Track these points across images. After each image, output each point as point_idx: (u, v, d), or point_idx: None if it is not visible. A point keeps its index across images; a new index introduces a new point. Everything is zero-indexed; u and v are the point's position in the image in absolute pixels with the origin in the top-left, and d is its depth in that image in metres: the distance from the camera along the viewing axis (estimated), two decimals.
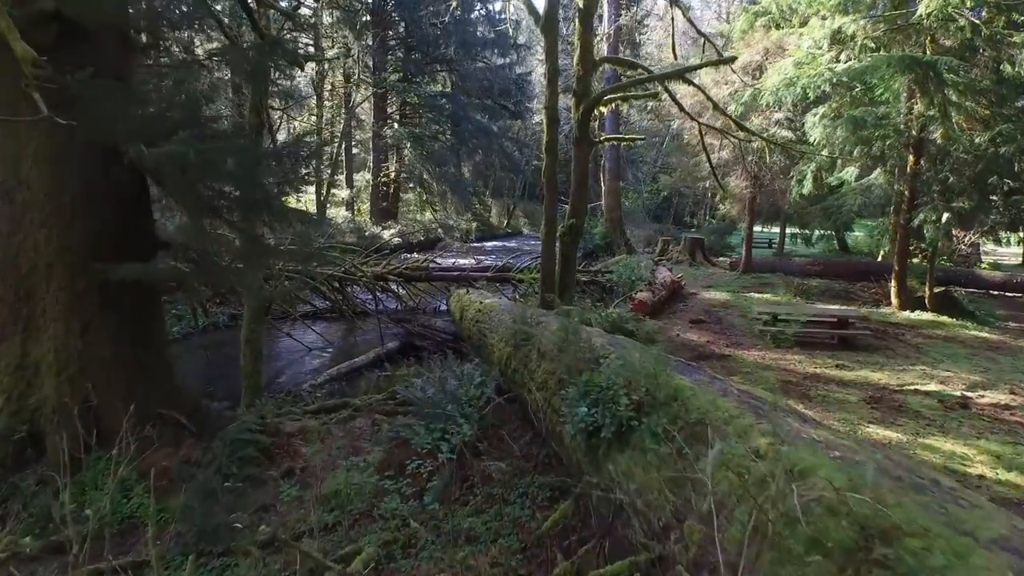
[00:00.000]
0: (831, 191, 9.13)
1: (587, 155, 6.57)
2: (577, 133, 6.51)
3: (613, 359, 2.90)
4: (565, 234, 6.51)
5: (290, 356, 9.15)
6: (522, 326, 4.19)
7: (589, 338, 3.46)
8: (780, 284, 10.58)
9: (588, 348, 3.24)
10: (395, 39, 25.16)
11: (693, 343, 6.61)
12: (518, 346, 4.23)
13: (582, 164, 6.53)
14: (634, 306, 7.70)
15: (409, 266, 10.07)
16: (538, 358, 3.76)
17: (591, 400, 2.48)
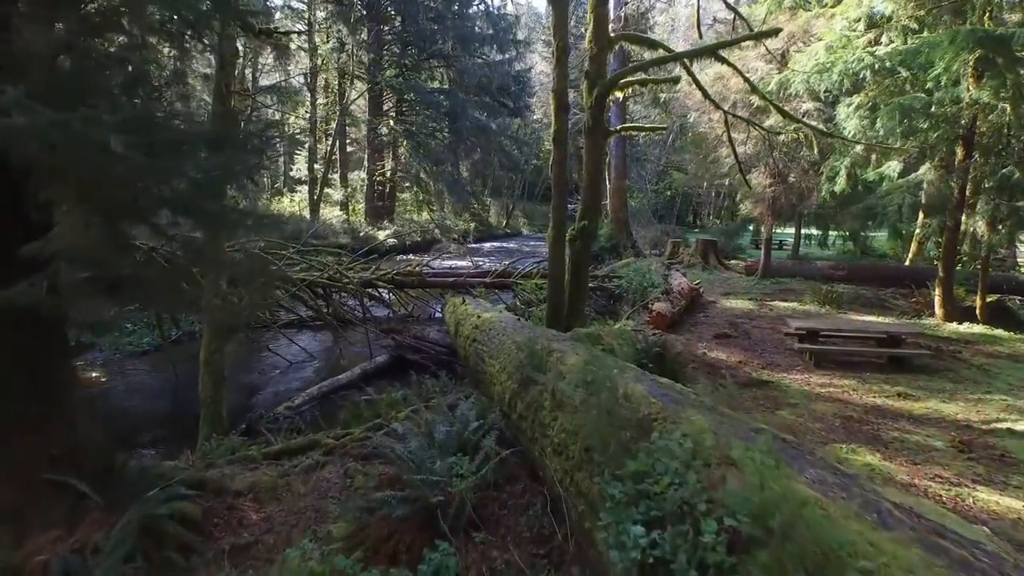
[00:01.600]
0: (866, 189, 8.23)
1: (601, 147, 5.64)
2: (590, 121, 5.57)
3: (670, 429, 1.98)
4: (576, 238, 5.58)
5: (270, 370, 8.22)
6: (529, 367, 3.25)
7: (625, 384, 2.53)
8: (803, 290, 9.66)
9: (627, 403, 2.31)
10: (391, 34, 24.19)
11: (723, 363, 5.68)
12: (525, 384, 3.30)
13: (595, 157, 5.60)
14: (651, 319, 6.77)
15: (401, 271, 9.14)
16: (552, 406, 2.82)
17: (649, 513, 1.55)
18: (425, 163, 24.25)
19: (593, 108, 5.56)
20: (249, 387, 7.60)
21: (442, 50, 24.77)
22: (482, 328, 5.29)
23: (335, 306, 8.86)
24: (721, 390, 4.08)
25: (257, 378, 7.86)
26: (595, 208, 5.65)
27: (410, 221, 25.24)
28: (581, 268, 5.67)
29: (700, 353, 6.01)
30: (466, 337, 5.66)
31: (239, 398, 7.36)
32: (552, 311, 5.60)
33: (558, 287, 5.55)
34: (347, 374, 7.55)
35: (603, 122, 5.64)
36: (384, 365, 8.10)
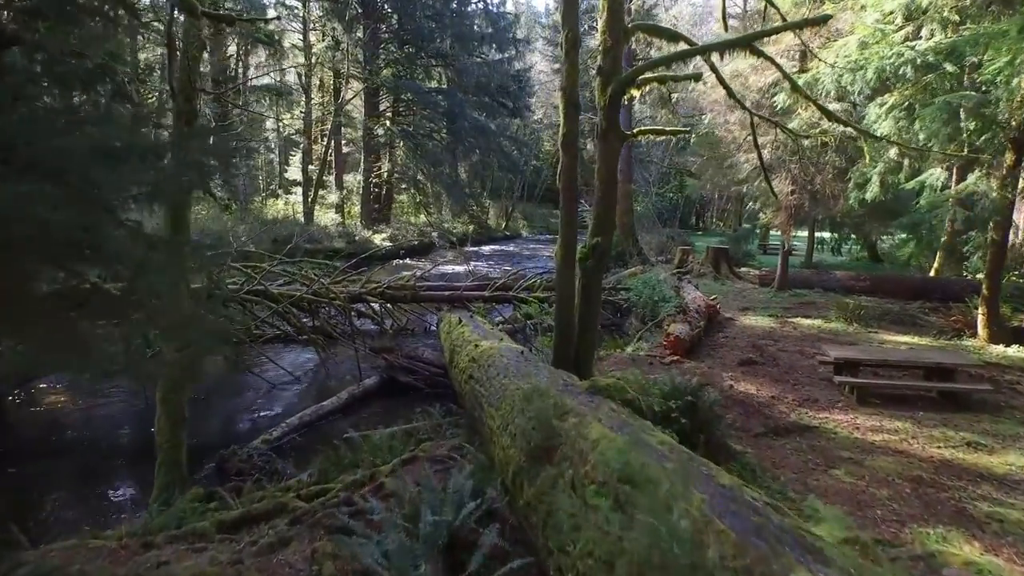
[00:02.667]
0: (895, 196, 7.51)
1: (616, 152, 4.91)
2: (603, 123, 4.84)
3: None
4: (586, 257, 4.84)
5: (250, 393, 7.49)
6: (540, 436, 2.52)
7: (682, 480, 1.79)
8: (825, 304, 8.94)
9: (685, 533, 1.58)
10: (387, 32, 23.45)
11: (754, 399, 4.96)
12: (534, 459, 2.58)
13: (609, 164, 4.86)
14: (668, 343, 6.04)
15: (392, 284, 8.39)
16: (574, 509, 2.08)
17: None
18: (423, 164, 23.51)
19: (607, 108, 4.82)
20: (227, 413, 6.86)
21: (440, 49, 24.03)
22: (480, 362, 4.56)
23: (322, 322, 8.12)
24: None
25: (236, 402, 7.12)
26: (608, 222, 4.92)
27: (407, 224, 24.49)
28: (593, 292, 4.93)
29: (727, 386, 5.27)
30: (462, 370, 4.93)
31: (215, 426, 6.63)
32: (560, 341, 4.86)
33: (567, 314, 4.82)
34: (332, 400, 6.82)
35: (618, 124, 4.91)
36: (373, 388, 7.38)
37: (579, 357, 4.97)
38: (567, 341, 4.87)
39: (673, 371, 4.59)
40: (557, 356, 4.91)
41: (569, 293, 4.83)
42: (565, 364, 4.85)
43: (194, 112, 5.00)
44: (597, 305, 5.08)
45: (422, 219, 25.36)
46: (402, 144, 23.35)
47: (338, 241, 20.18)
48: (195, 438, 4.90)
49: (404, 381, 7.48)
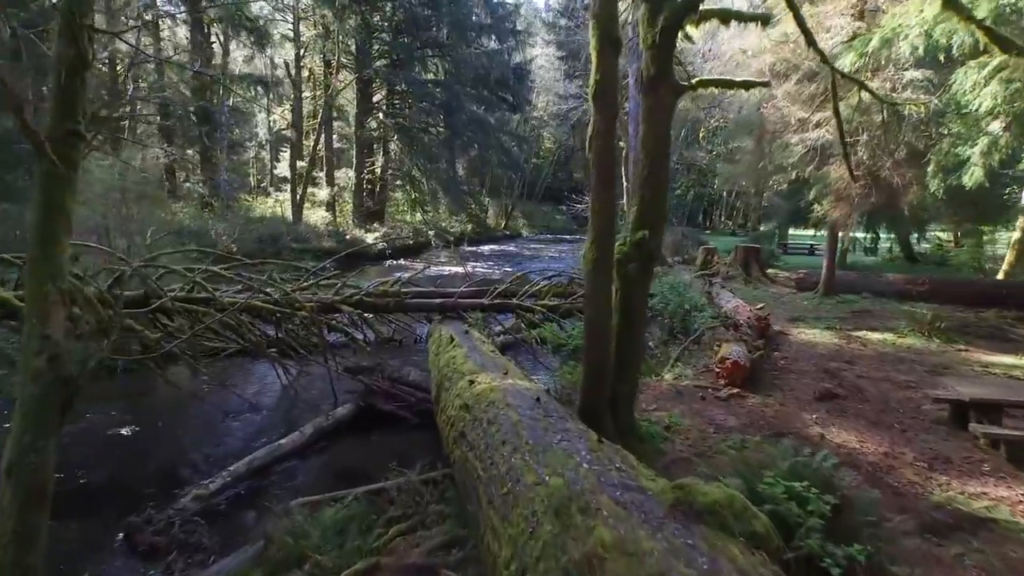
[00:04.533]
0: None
1: (669, 111, 3.43)
2: (649, 69, 3.35)
3: None
4: (628, 259, 3.36)
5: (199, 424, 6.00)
6: None
7: None
8: (885, 313, 7.47)
9: None
10: (381, 20, 21.90)
11: (861, 459, 3.47)
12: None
13: (659, 128, 3.38)
14: (724, 371, 4.55)
15: (372, 291, 6.88)
16: None
17: None
18: (418, 160, 21.97)
19: (656, 47, 3.34)
20: (167, 451, 5.36)
21: (436, 38, 22.51)
22: (475, 412, 3.07)
23: (285, 336, 6.61)
24: None
25: (178, 437, 5.61)
26: (658, 209, 3.42)
27: (402, 222, 22.97)
28: (636, 308, 3.44)
29: (814, 434, 3.78)
30: (450, 420, 3.43)
31: (142, 470, 5.15)
32: (591, 376, 3.37)
33: (600, 339, 3.32)
34: (293, 437, 5.32)
35: (671, 71, 3.42)
36: (347, 418, 5.88)
37: (616, 399, 3.48)
38: (599, 376, 3.38)
39: (735, 406, 3.09)
40: (587, 399, 3.42)
41: (603, 309, 3.33)
42: (597, 410, 3.37)
43: (83, 59, 3.48)
44: (641, 326, 3.59)
45: (418, 218, 23.84)
46: (396, 138, 21.82)
47: (327, 240, 18.67)
48: (112, 489, 3.95)
49: (384, 409, 6.01)
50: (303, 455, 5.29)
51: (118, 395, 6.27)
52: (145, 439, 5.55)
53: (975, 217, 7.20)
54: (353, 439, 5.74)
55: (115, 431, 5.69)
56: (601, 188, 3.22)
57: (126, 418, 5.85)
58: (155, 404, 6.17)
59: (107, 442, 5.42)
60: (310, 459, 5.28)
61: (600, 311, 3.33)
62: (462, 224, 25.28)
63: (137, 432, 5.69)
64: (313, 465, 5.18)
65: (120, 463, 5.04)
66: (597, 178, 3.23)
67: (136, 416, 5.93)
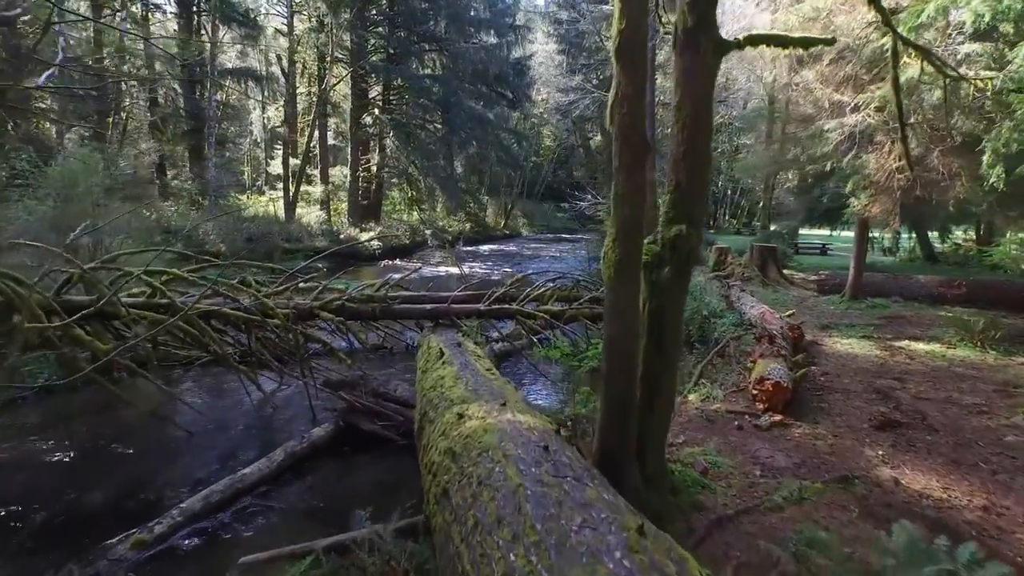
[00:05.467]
0: None
1: (712, 70, 2.66)
2: (688, 20, 2.60)
3: None
4: (660, 260, 2.60)
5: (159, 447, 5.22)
6: None
7: None
8: (921, 320, 6.71)
9: None
10: (377, 13, 21.10)
11: (955, 516, 2.70)
12: None
13: (699, 95, 2.62)
14: (764, 394, 3.78)
15: (355, 296, 6.10)
16: None
17: None
18: (415, 157, 21.18)
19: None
20: (116, 481, 4.59)
21: (434, 32, 21.70)
22: (463, 463, 2.29)
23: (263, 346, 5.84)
24: None
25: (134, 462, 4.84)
26: (696, 198, 2.66)
27: (398, 221, 22.19)
28: (670, 323, 2.68)
29: (885, 479, 3.01)
30: (431, 467, 2.66)
31: (85, 505, 4.40)
32: (612, 410, 2.60)
33: (624, 363, 2.56)
34: (261, 464, 4.55)
35: (714, 21, 2.66)
36: (325, 440, 5.12)
37: (643, 439, 2.71)
38: (623, 410, 2.61)
39: (780, 438, 2.34)
40: (606, 439, 2.65)
41: (628, 326, 2.57)
42: (619, 454, 2.62)
43: None
44: (676, 348, 2.81)
45: (415, 216, 23.04)
46: (392, 135, 21.03)
47: (320, 240, 17.89)
48: (39, 532, 3.28)
49: (367, 429, 5.25)
50: (275, 482, 4.55)
51: (77, 412, 5.51)
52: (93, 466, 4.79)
53: None
54: (331, 464, 4.99)
55: (58, 457, 4.91)
56: (628, 168, 2.45)
57: (75, 441, 5.09)
58: (113, 423, 5.41)
59: (47, 471, 4.64)
60: (279, 490, 4.52)
61: (625, 329, 2.56)
62: (460, 223, 24.49)
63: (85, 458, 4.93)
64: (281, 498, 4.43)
65: (55, 498, 4.28)
66: (622, 155, 2.47)
67: (89, 438, 5.18)
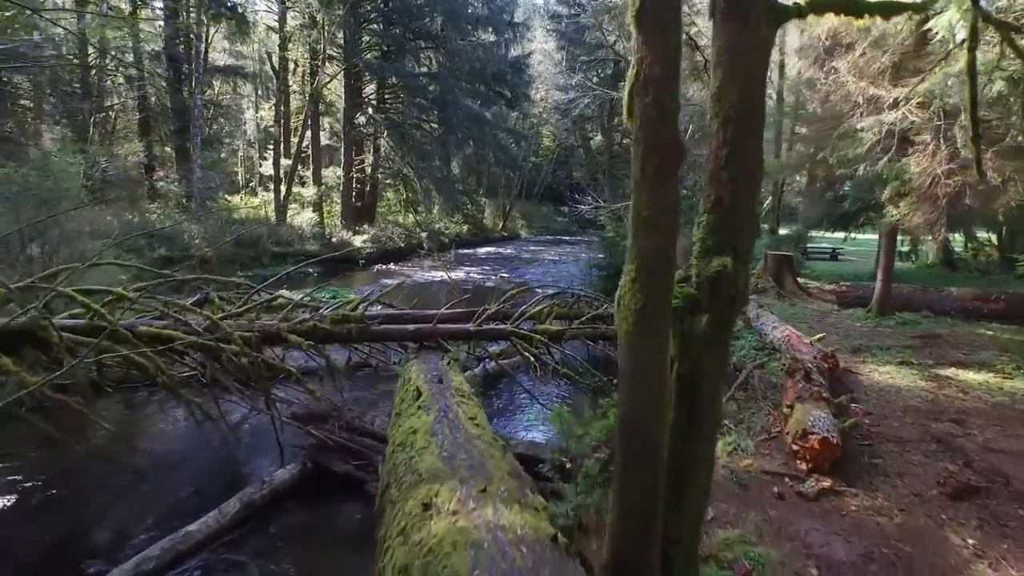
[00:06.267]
0: None
1: (765, 47, 1.96)
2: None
3: None
4: (696, 306, 1.87)
5: (99, 493, 4.53)
6: None
7: None
8: (959, 340, 5.99)
9: None
10: (371, 10, 20.33)
11: None
12: None
13: (750, 74, 1.91)
14: (809, 451, 3.06)
15: (331, 316, 5.37)
16: None
17: None
18: (410, 157, 20.43)
19: None
20: (39, 539, 3.88)
21: (430, 29, 20.95)
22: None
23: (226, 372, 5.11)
24: None
25: (65, 513, 4.14)
26: (747, 220, 1.94)
27: (393, 224, 21.44)
28: (706, 390, 1.96)
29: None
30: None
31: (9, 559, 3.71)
32: (630, 513, 1.88)
33: (645, 448, 1.84)
34: (209, 520, 3.86)
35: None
36: (289, 485, 4.44)
37: (671, 546, 1.99)
38: (644, 511, 1.88)
39: (832, 514, 1.57)
40: (621, 548, 1.93)
41: (651, 399, 1.84)
42: (639, 564, 1.89)
43: None
44: (715, 423, 2.09)
45: (410, 219, 22.30)
46: (387, 135, 20.28)
47: (312, 243, 17.15)
48: None
49: (340, 471, 4.56)
50: (231, 533, 3.86)
51: (16, 445, 4.82)
52: (19, 515, 4.10)
53: None
54: (296, 513, 4.28)
55: None
56: (654, 179, 1.72)
57: (2, 483, 4.39)
58: (58, 459, 4.70)
59: None
60: (233, 547, 3.81)
61: (647, 401, 1.83)
62: (457, 225, 23.74)
63: (16, 503, 4.25)
64: (233, 559, 3.72)
65: None
66: (646, 162, 1.74)
67: (29, 476, 4.48)
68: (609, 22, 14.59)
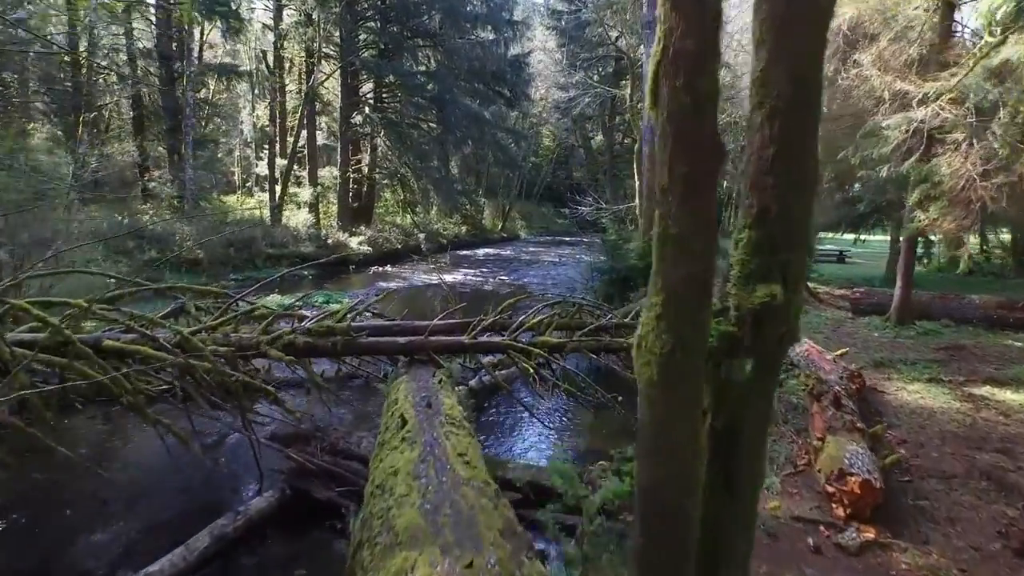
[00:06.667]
0: None
1: (826, 17, 1.57)
2: None
3: None
4: (739, 345, 1.47)
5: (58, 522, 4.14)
6: None
7: None
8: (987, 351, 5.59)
9: None
10: (368, 7, 19.91)
11: None
12: None
13: (806, 56, 1.51)
14: (848, 496, 2.66)
15: (314, 328, 4.97)
16: None
17: None
18: (408, 157, 20.02)
19: None
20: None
21: (428, 27, 20.53)
22: None
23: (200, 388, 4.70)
24: None
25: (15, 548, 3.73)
26: (799, 233, 1.54)
27: (391, 225, 21.03)
28: (750, 446, 1.55)
29: None
30: None
31: None
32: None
33: (669, 523, 1.44)
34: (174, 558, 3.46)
35: None
36: (267, 514, 4.03)
37: None
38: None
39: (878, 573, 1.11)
40: None
41: (680, 463, 1.42)
42: None
43: None
44: (757, 487, 1.68)
45: (408, 220, 21.89)
46: (384, 134, 19.87)
47: (307, 245, 16.73)
48: None
49: (321, 498, 4.15)
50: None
51: None
52: None
53: None
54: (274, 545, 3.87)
55: None
56: (687, 187, 1.32)
57: None
58: (16, 482, 4.31)
59: None
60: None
61: (674, 471, 1.43)
62: (456, 226, 23.33)
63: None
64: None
65: None
66: (675, 164, 1.33)
67: None
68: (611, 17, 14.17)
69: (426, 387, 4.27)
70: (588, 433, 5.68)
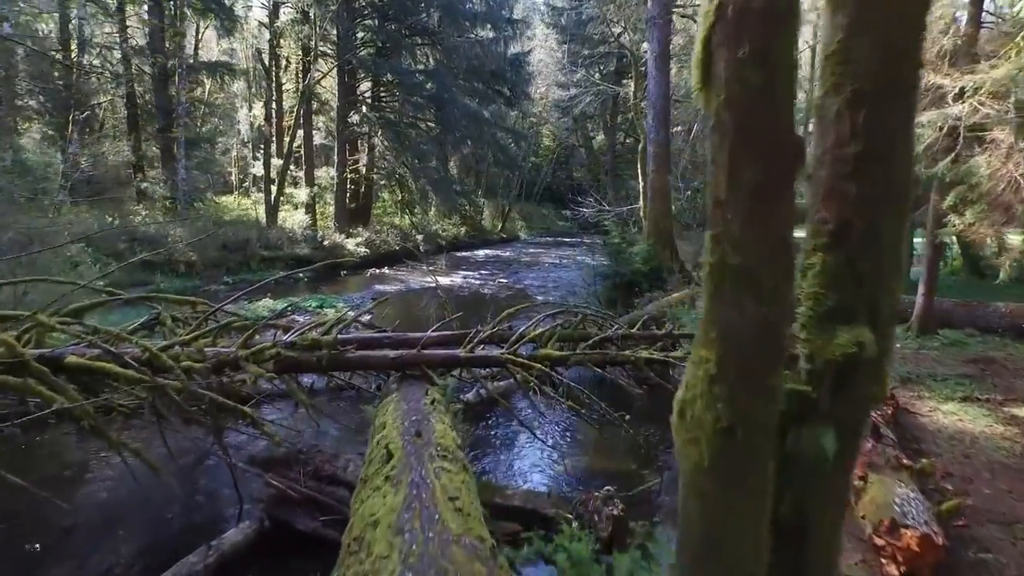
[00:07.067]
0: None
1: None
2: None
3: None
4: (813, 408, 1.08)
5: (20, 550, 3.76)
6: None
7: None
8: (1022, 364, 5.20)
9: None
10: (366, 5, 19.51)
11: None
12: None
13: (897, 30, 1.14)
14: (904, 554, 2.27)
15: (299, 341, 4.58)
16: None
17: None
18: (406, 157, 19.62)
19: None
20: None
21: (426, 25, 20.13)
22: None
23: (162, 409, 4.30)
24: None
25: None
26: (890, 257, 1.17)
27: (389, 226, 20.63)
28: (824, 538, 1.17)
29: None
30: None
31: None
32: None
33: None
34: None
35: None
36: (241, 550, 3.64)
37: None
38: None
39: None
40: None
41: (746, 567, 1.04)
42: None
43: None
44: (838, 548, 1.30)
45: (406, 221, 21.49)
46: (382, 134, 19.47)
47: (302, 247, 16.33)
48: None
49: (304, 530, 3.77)
50: None
51: None
52: None
53: None
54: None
55: None
56: (754, 200, 0.94)
57: None
58: None
59: None
60: None
61: (735, 567, 1.04)
62: (455, 227, 22.93)
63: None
64: None
65: None
66: (735, 167, 0.95)
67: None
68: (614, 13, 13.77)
69: (417, 409, 3.88)
70: (592, 452, 5.31)
